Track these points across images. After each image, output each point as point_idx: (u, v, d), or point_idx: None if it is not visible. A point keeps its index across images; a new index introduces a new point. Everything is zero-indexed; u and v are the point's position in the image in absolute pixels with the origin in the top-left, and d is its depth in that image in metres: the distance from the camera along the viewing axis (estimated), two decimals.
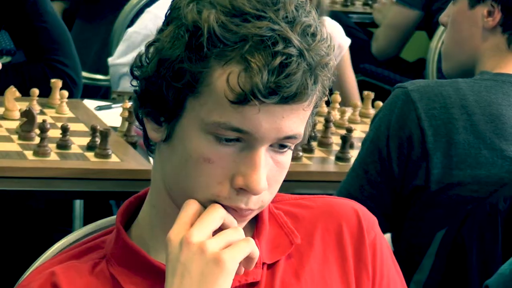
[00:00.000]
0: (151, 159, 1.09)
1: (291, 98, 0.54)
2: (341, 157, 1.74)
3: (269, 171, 0.59)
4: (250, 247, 0.57)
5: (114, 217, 0.76)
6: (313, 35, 0.56)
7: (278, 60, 0.52)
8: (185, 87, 0.55)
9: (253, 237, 0.65)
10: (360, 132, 1.94)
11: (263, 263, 0.67)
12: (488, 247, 1.22)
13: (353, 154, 1.58)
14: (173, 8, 0.59)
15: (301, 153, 1.70)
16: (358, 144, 1.62)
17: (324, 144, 1.81)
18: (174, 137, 0.59)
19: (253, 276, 0.66)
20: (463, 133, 1.22)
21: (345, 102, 2.27)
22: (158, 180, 0.65)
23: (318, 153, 1.79)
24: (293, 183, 1.52)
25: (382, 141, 1.25)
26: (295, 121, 0.57)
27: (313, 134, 1.75)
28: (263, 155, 0.57)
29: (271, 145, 0.58)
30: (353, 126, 1.88)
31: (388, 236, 1.30)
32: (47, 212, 2.85)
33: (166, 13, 0.61)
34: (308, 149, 1.75)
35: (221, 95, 0.54)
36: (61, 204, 2.81)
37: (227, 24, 0.53)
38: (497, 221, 1.21)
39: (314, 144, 1.78)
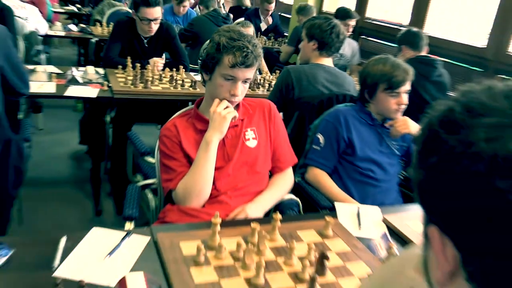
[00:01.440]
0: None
1: (249, 66, 1.80)
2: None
3: (241, 90, 1.86)
4: (235, 112, 1.86)
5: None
6: (255, 45, 1.81)
7: (244, 53, 1.77)
8: (215, 63, 1.82)
9: (236, 110, 1.92)
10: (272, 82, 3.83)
11: (241, 119, 1.97)
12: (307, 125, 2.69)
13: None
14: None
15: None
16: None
17: (257, 85, 3.77)
18: (212, 78, 1.86)
19: (236, 123, 1.94)
20: (305, 80, 2.83)
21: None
22: (207, 94, 1.96)
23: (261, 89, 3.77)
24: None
25: (280, 83, 2.91)
26: (250, 73, 1.84)
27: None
28: (240, 85, 1.84)
29: (242, 82, 1.84)
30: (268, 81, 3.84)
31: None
32: None
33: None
34: (257, 87, 3.72)
35: (226, 65, 1.79)
36: None
37: (228, 41, 1.78)
38: (313, 112, 2.69)
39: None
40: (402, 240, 1.70)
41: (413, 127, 2.22)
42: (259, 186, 1.97)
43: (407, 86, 2.22)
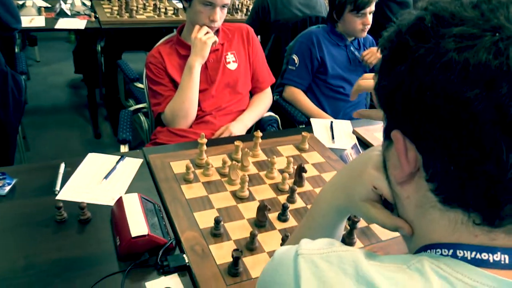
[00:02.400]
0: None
1: None
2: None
3: (219, 16, 1.74)
4: (215, 37, 1.76)
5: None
6: None
7: None
8: None
9: (216, 35, 1.81)
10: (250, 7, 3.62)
11: (221, 44, 1.87)
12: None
13: None
14: None
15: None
16: None
17: (236, 10, 3.62)
18: (192, 5, 1.73)
19: (217, 47, 1.83)
20: (280, 4, 2.75)
21: None
22: (188, 20, 1.81)
23: (239, 14, 3.63)
24: None
25: (256, 7, 2.84)
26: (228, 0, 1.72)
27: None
28: (218, 11, 1.73)
29: (220, 7, 1.72)
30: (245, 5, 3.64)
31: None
32: None
33: None
34: (235, 11, 3.57)
35: None
36: None
37: None
38: (289, 34, 2.64)
39: None
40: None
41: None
42: (241, 105, 1.91)
43: (372, 7, 2.10)
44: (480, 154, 0.44)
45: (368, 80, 1.05)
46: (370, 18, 2.12)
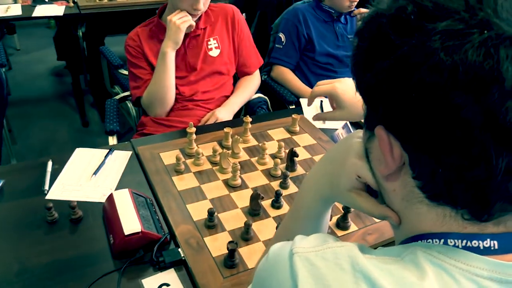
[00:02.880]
0: None
1: None
2: None
3: (203, 2, 1.64)
4: (191, 20, 1.66)
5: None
6: None
7: None
8: None
9: (198, 19, 1.75)
10: None
11: (203, 28, 1.78)
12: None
13: None
14: None
15: None
16: None
17: None
18: None
19: (198, 32, 1.77)
20: None
21: None
22: (169, 2, 1.71)
23: None
24: None
25: None
26: None
27: None
28: None
29: None
30: None
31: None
32: None
33: None
34: None
35: None
36: None
37: None
38: (274, 10, 2.61)
39: None
40: (361, 128, 1.67)
41: None
42: (225, 91, 1.87)
43: None
44: (468, 160, 0.43)
45: (321, 87, 1.10)
46: None
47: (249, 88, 1.93)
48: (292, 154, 1.35)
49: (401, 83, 0.45)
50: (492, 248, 0.47)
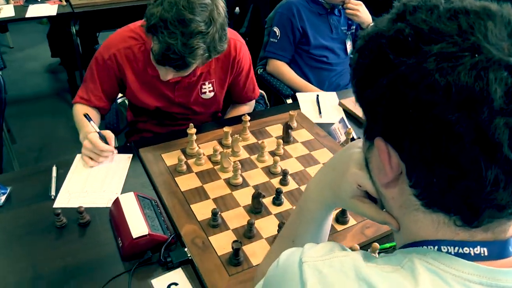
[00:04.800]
0: None
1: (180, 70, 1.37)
2: None
3: (175, 75, 1.42)
4: (97, 162, 1.40)
5: None
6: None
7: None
8: None
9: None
10: None
11: (198, 74, 1.56)
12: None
13: None
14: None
15: None
16: None
17: None
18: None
19: (191, 79, 1.56)
20: None
21: None
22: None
23: None
24: None
25: None
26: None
27: None
28: (172, 71, 1.38)
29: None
30: None
31: None
32: None
33: None
34: None
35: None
36: None
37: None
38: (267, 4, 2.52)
39: None
40: (357, 121, 1.71)
41: (364, 16, 2.12)
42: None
43: None
44: (459, 172, 0.47)
45: None
46: None
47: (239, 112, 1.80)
48: (288, 127, 1.48)
49: (399, 99, 0.49)
50: (482, 255, 0.52)
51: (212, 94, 1.66)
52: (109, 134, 1.41)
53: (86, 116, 1.44)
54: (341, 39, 2.23)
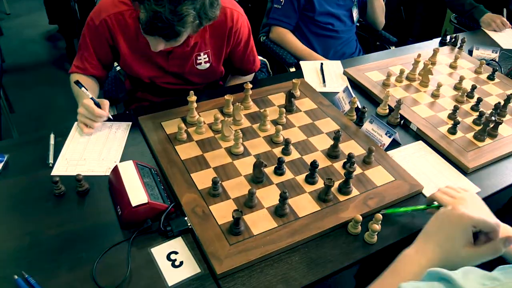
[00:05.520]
0: None
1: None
2: None
3: (166, 45, 1.33)
4: (90, 128, 1.37)
5: None
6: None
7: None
8: None
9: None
10: None
11: (192, 44, 1.50)
12: None
13: None
14: None
15: None
16: None
17: None
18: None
19: (185, 49, 1.51)
20: None
21: None
22: None
23: None
24: None
25: None
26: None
27: None
28: (162, 42, 1.30)
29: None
30: None
31: None
32: None
33: None
34: None
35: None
36: None
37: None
38: None
39: None
40: (363, 91, 1.68)
41: None
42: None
43: None
44: None
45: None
46: None
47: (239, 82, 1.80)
48: (290, 95, 1.45)
49: None
50: None
51: (207, 65, 1.61)
52: (104, 101, 1.38)
53: (78, 83, 1.41)
54: (348, 6, 2.18)
